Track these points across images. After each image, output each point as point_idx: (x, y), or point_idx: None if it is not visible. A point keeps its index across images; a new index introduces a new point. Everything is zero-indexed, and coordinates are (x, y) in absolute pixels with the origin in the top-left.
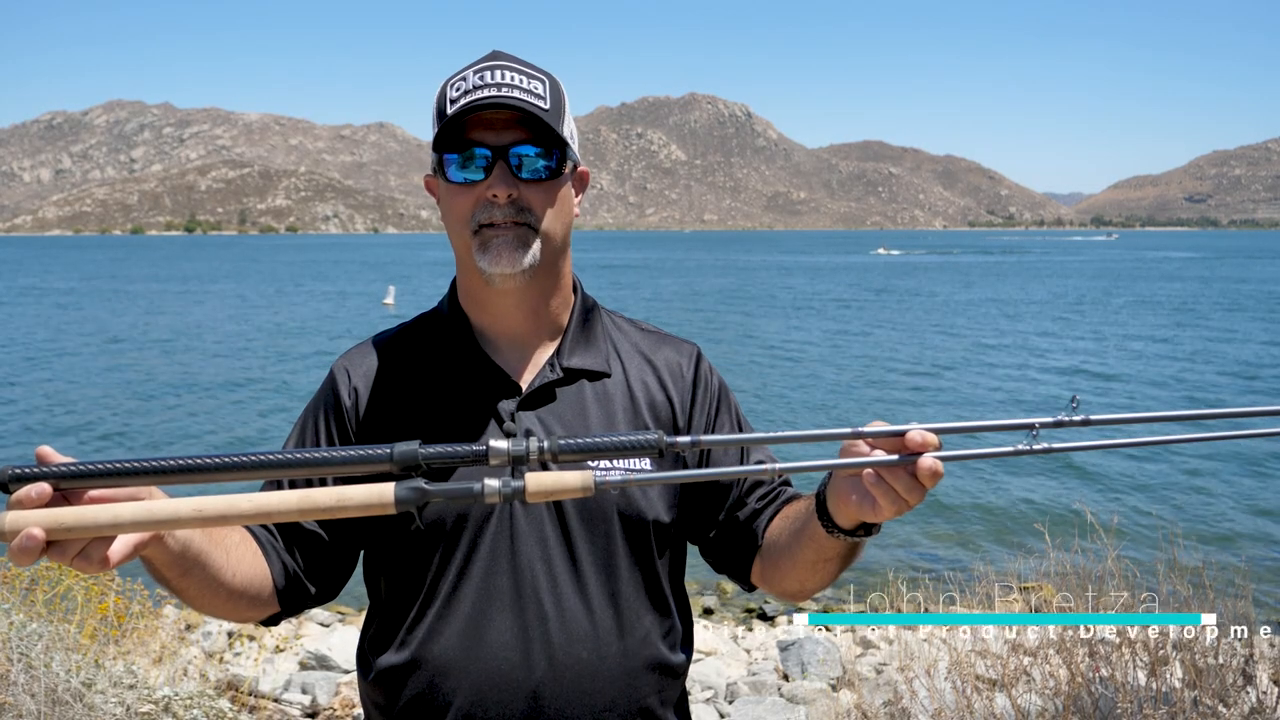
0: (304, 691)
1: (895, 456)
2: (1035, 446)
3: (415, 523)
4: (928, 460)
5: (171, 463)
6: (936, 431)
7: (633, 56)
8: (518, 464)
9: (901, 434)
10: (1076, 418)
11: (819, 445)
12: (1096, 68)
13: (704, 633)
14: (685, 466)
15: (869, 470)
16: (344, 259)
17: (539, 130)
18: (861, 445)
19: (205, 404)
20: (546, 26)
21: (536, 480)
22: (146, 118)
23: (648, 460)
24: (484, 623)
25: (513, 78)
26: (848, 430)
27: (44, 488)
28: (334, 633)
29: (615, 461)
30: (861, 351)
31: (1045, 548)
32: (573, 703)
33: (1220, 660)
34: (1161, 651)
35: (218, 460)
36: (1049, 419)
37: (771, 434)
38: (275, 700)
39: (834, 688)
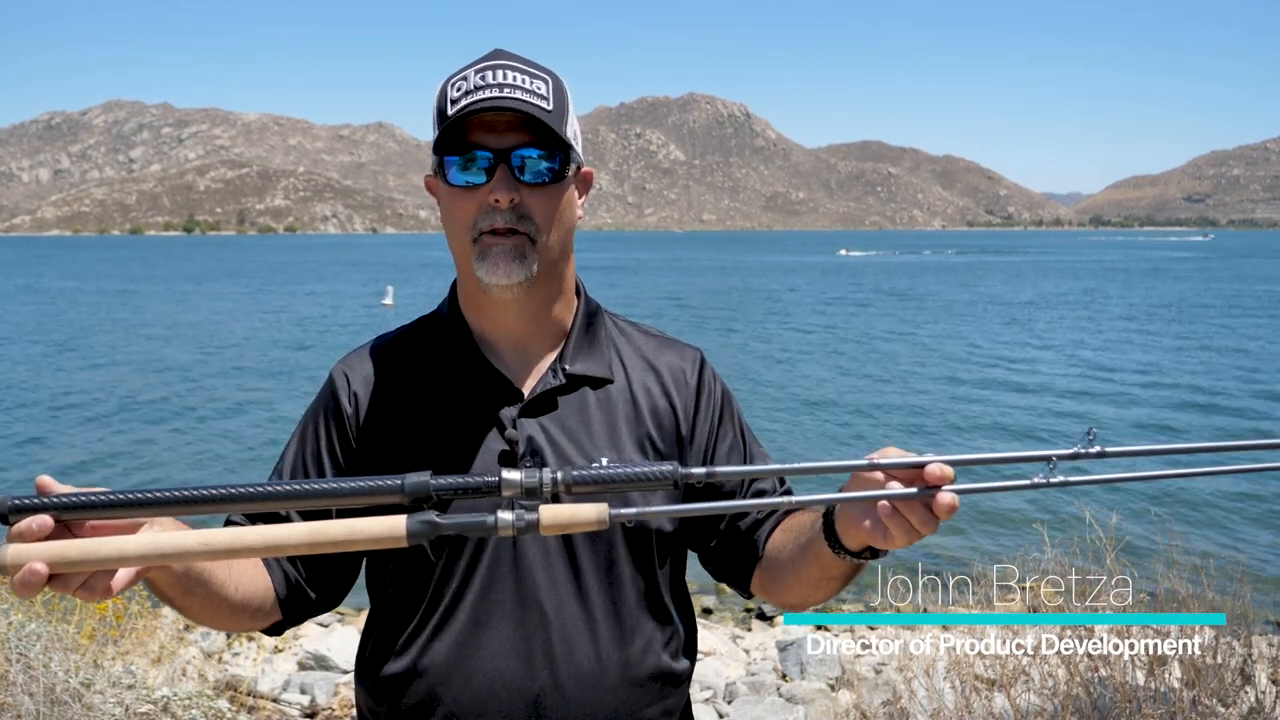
0: (303, 692)
1: (913, 490)
2: (1052, 480)
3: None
4: (946, 497)
5: (175, 494)
6: (951, 463)
7: (632, 56)
8: (531, 495)
9: (920, 466)
10: (1093, 450)
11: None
12: (1095, 68)
13: (703, 633)
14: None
15: (884, 501)
16: (343, 259)
17: (541, 132)
18: (875, 475)
19: (204, 403)
20: (546, 26)
21: (551, 513)
22: (145, 118)
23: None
24: (485, 631)
25: (515, 77)
26: (863, 462)
27: (45, 520)
28: (333, 633)
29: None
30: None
31: (1044, 547)
32: (574, 712)
33: (1219, 660)
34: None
35: (222, 491)
36: (1065, 451)
37: (786, 465)
38: (274, 700)
39: (833, 688)
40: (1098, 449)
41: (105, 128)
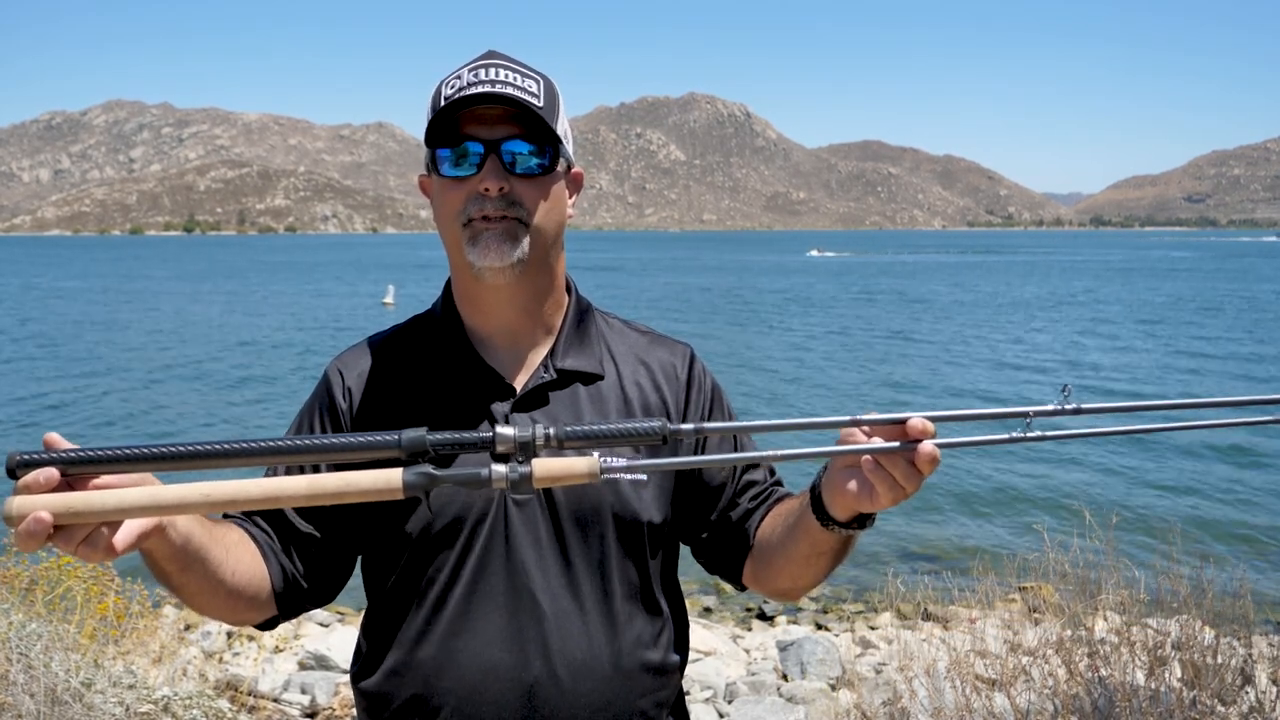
0: (303, 691)
1: (895, 444)
2: (1029, 434)
3: (410, 522)
4: (928, 446)
5: (179, 448)
6: (932, 419)
7: (632, 56)
8: (524, 451)
9: (901, 422)
10: (1069, 406)
11: (816, 437)
12: (1096, 68)
13: (703, 632)
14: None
15: (867, 457)
16: (343, 259)
17: (532, 126)
18: (859, 433)
19: (203, 403)
20: (545, 26)
21: (543, 466)
22: (145, 118)
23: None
24: (478, 622)
25: (507, 75)
26: (846, 418)
27: (51, 473)
28: (333, 633)
29: (612, 460)
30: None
31: (1044, 548)
32: (568, 703)
33: (1219, 660)
34: (1160, 651)
35: (225, 446)
36: (1042, 407)
37: (771, 422)
38: (274, 700)
39: (833, 688)
40: (1074, 405)
41: (105, 128)
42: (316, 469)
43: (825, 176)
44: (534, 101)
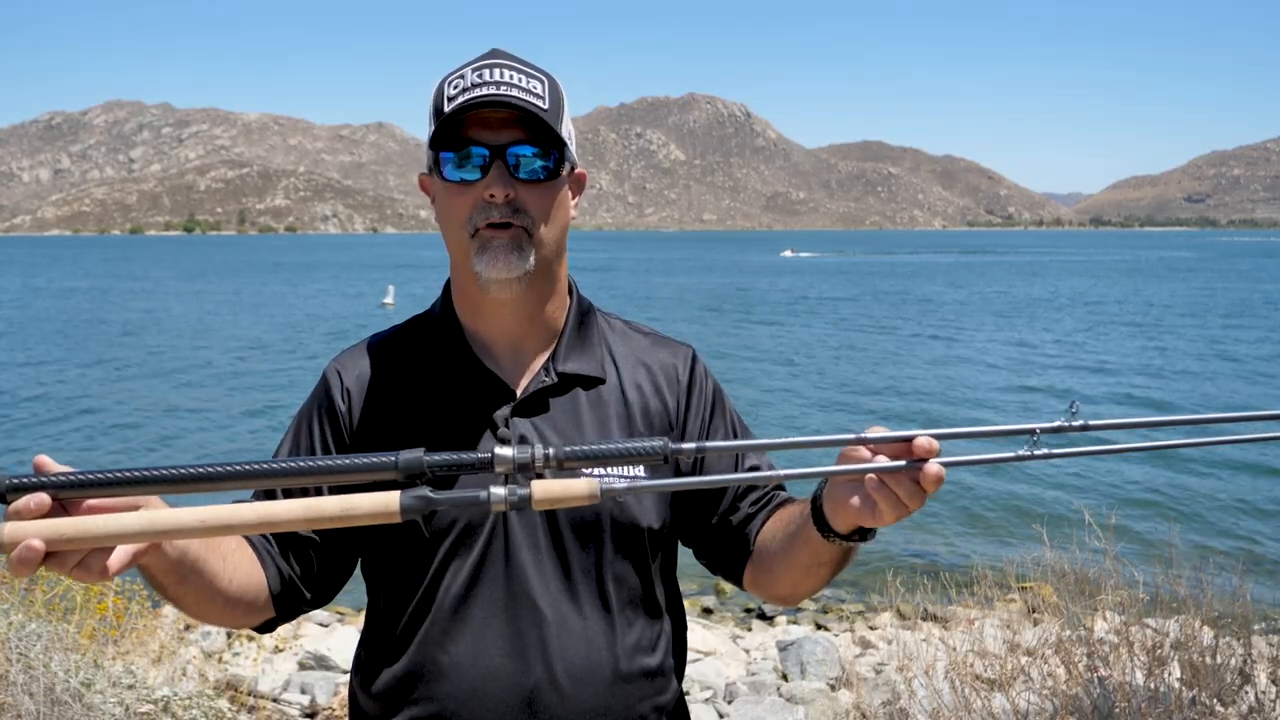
0: (303, 691)
1: (901, 462)
2: (1036, 452)
3: (414, 530)
4: (933, 467)
5: (172, 472)
6: (937, 436)
7: (632, 56)
8: (522, 471)
9: (907, 440)
10: (1076, 423)
11: (819, 450)
12: (1096, 68)
13: (703, 633)
14: (681, 471)
15: (871, 475)
16: (343, 259)
17: (537, 130)
18: (863, 450)
19: (202, 402)
20: (546, 26)
21: (543, 488)
22: (145, 118)
23: (641, 468)
24: (478, 627)
25: (512, 76)
26: (850, 436)
27: (43, 498)
28: (333, 633)
29: (612, 470)
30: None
31: (1043, 548)
32: (568, 707)
33: (1218, 660)
34: (1160, 651)
35: (219, 469)
36: (1049, 424)
37: (773, 440)
38: (274, 700)
39: (833, 688)
40: (1081, 422)
41: (105, 128)
42: (306, 489)
43: (825, 176)
44: (539, 104)
